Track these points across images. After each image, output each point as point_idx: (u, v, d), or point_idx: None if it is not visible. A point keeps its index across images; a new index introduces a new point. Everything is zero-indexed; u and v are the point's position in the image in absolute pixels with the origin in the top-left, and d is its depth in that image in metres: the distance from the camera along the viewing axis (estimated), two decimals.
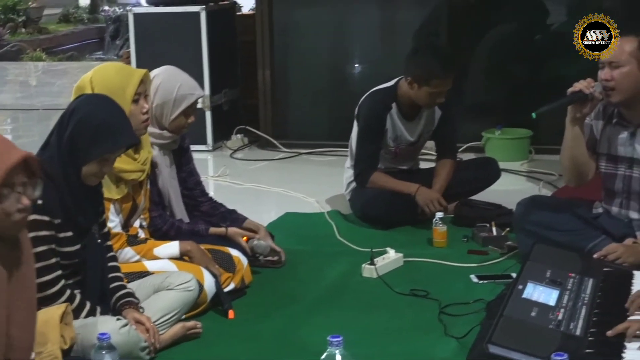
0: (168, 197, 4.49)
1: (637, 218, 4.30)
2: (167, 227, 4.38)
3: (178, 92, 4.37)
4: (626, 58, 4.12)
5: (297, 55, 8.13)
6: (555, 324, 3.36)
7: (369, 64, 8.16)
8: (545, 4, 7.61)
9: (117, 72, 4.04)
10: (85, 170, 3.44)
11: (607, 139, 4.33)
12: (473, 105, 7.73)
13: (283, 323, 3.98)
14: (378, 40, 8.23)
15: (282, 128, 8.03)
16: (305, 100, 8.17)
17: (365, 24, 8.10)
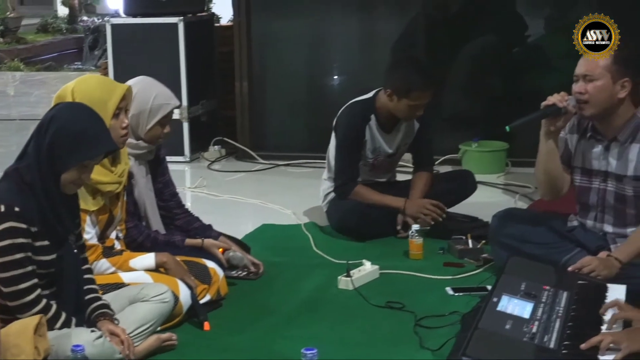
0: (144, 208, 4.48)
1: (611, 231, 4.33)
2: (143, 238, 4.37)
3: (154, 102, 4.37)
4: (600, 72, 4.15)
5: (275, 66, 8.14)
6: (529, 336, 3.37)
7: (347, 76, 8.17)
8: (524, 17, 7.65)
9: (100, 85, 4.03)
10: (65, 178, 3.44)
11: (581, 152, 4.36)
12: (450, 118, 7.75)
13: (258, 335, 3.98)
14: (356, 52, 8.24)
15: (260, 139, 8.03)
16: (283, 112, 8.18)
17: (344, 35, 8.12)
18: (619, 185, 4.25)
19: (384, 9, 8.03)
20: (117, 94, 3.97)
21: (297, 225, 5.69)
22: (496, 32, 7.73)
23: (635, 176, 4.19)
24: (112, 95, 3.96)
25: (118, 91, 3.99)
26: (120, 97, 3.97)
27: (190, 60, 7.62)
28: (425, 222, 5.27)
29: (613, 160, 4.25)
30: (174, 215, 4.67)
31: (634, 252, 4.10)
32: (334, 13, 8.03)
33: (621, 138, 4.21)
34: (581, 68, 4.21)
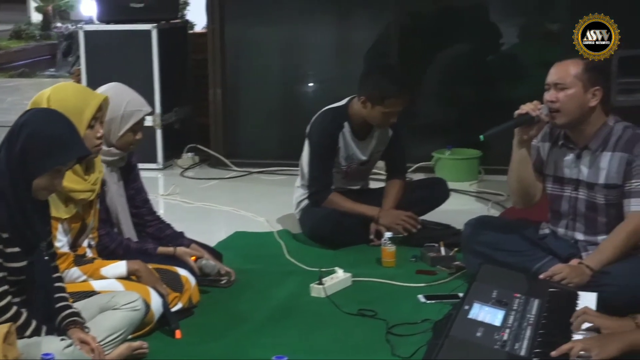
0: (116, 215, 4.46)
1: (582, 239, 4.35)
2: (115, 246, 4.35)
3: (126, 108, 4.35)
4: (571, 80, 4.17)
5: (249, 74, 8.13)
6: (500, 344, 3.37)
7: (321, 84, 8.18)
8: (497, 25, 7.68)
9: (76, 94, 4.00)
10: (37, 184, 3.41)
11: (553, 160, 4.38)
12: (424, 126, 7.76)
13: (230, 343, 3.96)
14: (331, 60, 8.25)
15: (233, 147, 8.02)
16: (257, 119, 8.17)
17: (318, 43, 8.13)
18: (590, 193, 4.27)
19: (359, 17, 8.04)
20: (93, 104, 3.96)
21: (270, 232, 5.69)
22: (470, 40, 7.76)
23: (606, 184, 4.21)
24: (88, 104, 3.94)
25: (94, 101, 3.97)
26: (97, 107, 3.96)
27: (163, 67, 7.61)
28: (399, 232, 5.28)
29: (585, 168, 4.27)
30: (146, 222, 4.66)
31: (605, 260, 4.12)
32: (309, 21, 8.04)
33: (592, 146, 4.24)
34: (552, 76, 4.23)
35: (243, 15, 8.01)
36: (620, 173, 4.19)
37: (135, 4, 7.71)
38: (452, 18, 7.83)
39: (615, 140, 4.21)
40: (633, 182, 4.16)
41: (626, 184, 4.18)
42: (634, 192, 4.17)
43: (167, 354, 3.87)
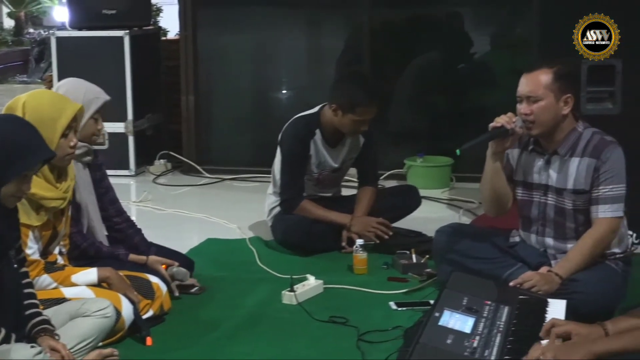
0: (87, 212, 4.44)
1: (552, 245, 4.37)
2: (87, 245, 4.35)
3: (85, 97, 4.35)
4: (543, 92, 4.18)
5: (222, 81, 8.14)
6: (470, 351, 3.38)
7: (293, 91, 8.20)
8: (469, 34, 7.72)
9: (52, 102, 3.99)
10: (4, 191, 3.39)
11: (523, 167, 4.41)
12: (396, 133, 7.79)
13: (201, 350, 3.96)
14: (303, 67, 8.27)
15: (206, 154, 8.03)
16: (229, 126, 8.19)
17: (290, 51, 8.15)
18: (559, 198, 4.30)
19: (331, 24, 8.08)
20: (69, 113, 3.95)
21: (242, 239, 5.69)
22: (441, 49, 7.80)
23: (574, 190, 4.24)
24: (63, 113, 3.93)
25: (69, 110, 3.96)
26: (72, 116, 3.95)
27: (136, 73, 7.60)
28: (370, 239, 5.29)
29: (553, 173, 4.30)
30: (114, 224, 4.64)
31: (574, 267, 4.15)
32: (281, 29, 8.06)
33: (561, 151, 4.26)
34: (524, 88, 4.23)
35: (215, 23, 8.03)
36: (588, 179, 4.21)
37: (108, 11, 7.71)
38: (424, 26, 7.87)
39: (583, 145, 4.24)
40: (600, 189, 4.19)
41: (594, 190, 4.21)
42: (602, 198, 4.20)
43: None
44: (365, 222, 5.34)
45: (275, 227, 5.56)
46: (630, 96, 5.19)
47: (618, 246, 4.30)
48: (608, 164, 4.19)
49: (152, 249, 4.65)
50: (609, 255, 4.28)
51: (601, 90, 5.23)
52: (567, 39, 5.19)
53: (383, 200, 5.59)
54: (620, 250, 4.32)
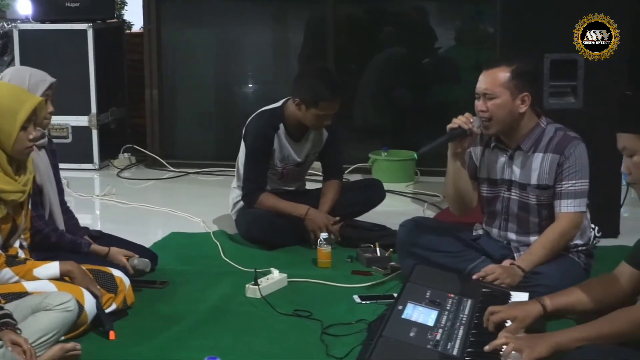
0: (48, 196, 4.41)
1: (515, 239, 4.41)
2: (49, 230, 4.33)
3: (30, 80, 4.35)
4: (499, 89, 4.21)
5: (186, 74, 8.12)
6: (433, 344, 3.40)
7: (258, 85, 8.19)
8: (434, 29, 7.74)
9: (12, 94, 3.95)
10: None
11: (486, 164, 4.43)
12: (360, 127, 7.81)
13: (163, 344, 3.93)
14: (268, 62, 8.27)
15: (170, 147, 8.01)
16: (194, 120, 8.17)
17: (255, 45, 8.14)
18: (522, 193, 4.33)
19: (296, 19, 8.07)
20: (29, 105, 3.91)
21: (206, 233, 5.67)
22: (406, 44, 7.82)
23: (538, 185, 4.27)
24: (22, 106, 3.89)
25: (29, 103, 3.92)
26: (32, 109, 3.91)
27: (99, 67, 7.57)
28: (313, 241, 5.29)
29: (517, 169, 4.32)
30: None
31: (536, 260, 4.18)
32: (246, 23, 8.05)
33: (524, 147, 4.29)
34: (481, 85, 4.26)
35: (180, 16, 8.02)
36: (552, 174, 4.25)
37: (71, 4, 7.68)
38: (388, 21, 7.88)
39: (547, 141, 4.27)
40: (564, 184, 4.23)
41: (557, 186, 4.25)
42: (565, 193, 4.24)
43: (100, 355, 3.83)
44: (318, 221, 5.30)
45: (239, 221, 5.55)
46: (593, 91, 5.22)
47: (580, 239, 4.35)
48: (571, 160, 4.23)
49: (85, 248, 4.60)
50: (571, 248, 4.32)
51: (564, 85, 5.26)
52: (529, 35, 5.22)
53: (347, 194, 5.59)
54: (582, 243, 4.36)
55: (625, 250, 4.98)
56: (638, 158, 3.12)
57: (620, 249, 5.15)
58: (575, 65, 5.21)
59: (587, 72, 5.20)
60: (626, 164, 3.17)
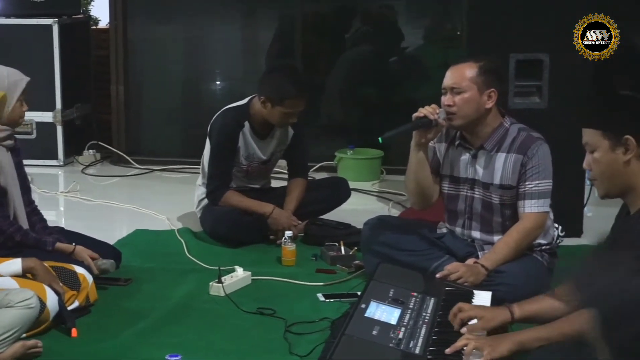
0: (12, 197, 4.38)
1: (479, 238, 4.42)
2: (13, 230, 4.29)
3: (8, 80, 4.32)
4: (467, 84, 4.23)
5: (152, 71, 8.09)
6: (395, 342, 3.40)
7: (224, 82, 8.18)
8: (400, 27, 7.75)
9: None
10: None
11: (449, 161, 4.44)
12: (326, 125, 7.82)
13: (126, 342, 3.92)
14: (234, 58, 8.25)
15: (135, 144, 7.97)
16: (159, 117, 8.14)
17: (223, 42, 8.12)
18: (485, 193, 4.34)
19: (264, 16, 8.06)
20: None
21: (171, 230, 5.65)
22: (373, 42, 7.82)
23: (501, 185, 4.29)
24: None
25: None
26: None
27: (65, 62, 7.52)
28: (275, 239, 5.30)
29: (480, 168, 4.34)
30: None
31: (500, 259, 4.20)
32: (213, 19, 8.03)
33: (488, 147, 4.31)
34: (448, 80, 4.29)
35: (146, 12, 7.98)
36: (515, 174, 4.27)
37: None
38: (356, 19, 7.89)
39: (510, 141, 4.29)
40: (527, 184, 4.25)
41: (520, 186, 4.27)
42: (528, 193, 4.26)
43: (62, 353, 3.81)
44: (281, 221, 5.32)
45: (204, 219, 5.54)
46: (557, 90, 5.25)
47: (544, 238, 4.37)
48: (534, 160, 4.25)
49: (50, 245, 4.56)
50: (535, 247, 4.34)
51: (529, 85, 5.28)
52: (496, 35, 5.24)
53: (313, 192, 5.60)
54: (546, 242, 4.38)
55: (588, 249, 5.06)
56: (598, 154, 3.13)
57: (584, 248, 5.19)
58: (540, 65, 5.24)
59: (552, 72, 5.23)
60: (587, 159, 3.20)
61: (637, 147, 3.08)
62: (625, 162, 3.09)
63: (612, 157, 3.11)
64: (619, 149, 3.09)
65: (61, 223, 5.76)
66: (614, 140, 3.09)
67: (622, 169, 3.11)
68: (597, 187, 3.24)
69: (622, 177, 3.12)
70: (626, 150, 3.08)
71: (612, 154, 3.10)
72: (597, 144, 3.13)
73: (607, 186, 3.19)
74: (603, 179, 3.18)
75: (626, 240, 3.06)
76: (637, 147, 3.08)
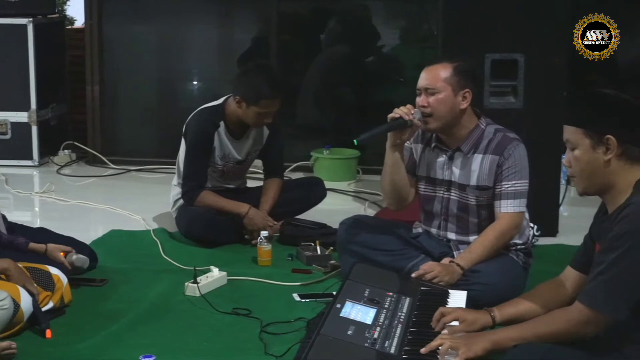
0: None
1: (454, 239, 4.43)
2: None
3: None
4: (441, 85, 4.24)
5: (128, 71, 8.06)
6: (370, 342, 3.40)
7: (200, 82, 8.16)
8: (377, 28, 7.75)
9: None
10: None
11: (426, 162, 4.45)
12: (303, 125, 7.81)
13: (101, 343, 3.89)
14: (210, 58, 8.23)
15: (111, 144, 7.95)
16: (135, 117, 8.12)
17: (198, 42, 8.10)
18: (462, 194, 4.35)
19: (240, 16, 8.05)
20: None
21: (147, 231, 5.63)
22: (350, 42, 7.82)
23: (477, 186, 4.30)
24: None
25: None
26: None
27: (39, 62, 7.49)
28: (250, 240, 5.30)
29: (456, 170, 4.34)
30: None
31: (475, 259, 4.21)
32: (189, 19, 8.01)
33: (464, 148, 4.31)
34: (423, 81, 4.29)
35: (122, 12, 7.95)
36: (491, 175, 4.28)
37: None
38: (332, 20, 7.89)
39: (486, 142, 4.30)
40: (503, 185, 4.26)
41: (497, 186, 4.28)
42: (504, 193, 4.27)
43: (37, 354, 3.78)
44: (257, 221, 5.31)
45: (180, 219, 5.52)
46: (533, 91, 5.27)
47: (519, 237, 4.38)
48: (510, 161, 4.26)
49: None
50: (510, 247, 4.35)
51: (504, 84, 5.30)
52: (471, 35, 5.25)
53: (289, 192, 5.59)
54: (521, 242, 4.39)
55: (564, 248, 5.09)
56: (578, 152, 3.15)
57: (559, 248, 5.22)
58: (515, 65, 5.26)
59: (527, 72, 5.25)
60: (568, 157, 3.21)
61: (618, 146, 3.09)
62: (606, 161, 3.10)
63: (592, 156, 3.13)
64: (600, 148, 3.11)
65: (36, 223, 5.75)
66: (595, 139, 3.11)
67: (602, 168, 3.12)
68: (576, 184, 3.25)
69: (602, 175, 3.14)
70: (607, 149, 3.09)
71: (593, 152, 3.12)
72: (578, 142, 3.15)
73: (586, 184, 3.21)
74: (582, 176, 3.19)
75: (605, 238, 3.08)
76: (618, 146, 3.09)
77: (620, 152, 3.10)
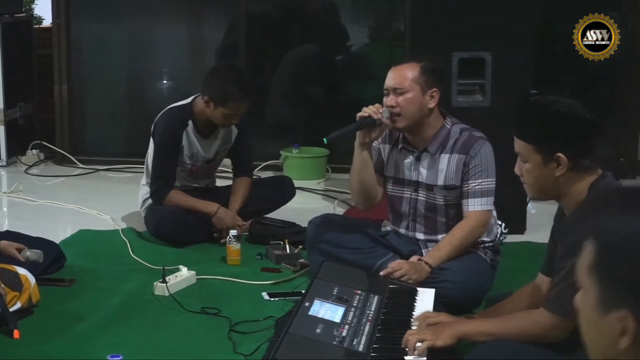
0: None
1: (423, 238, 4.44)
2: None
3: None
4: (409, 84, 4.24)
5: (96, 70, 8.03)
6: (339, 340, 3.40)
7: (169, 81, 8.14)
8: (346, 27, 7.76)
9: None
10: None
11: (393, 162, 4.45)
12: (272, 124, 7.81)
13: (69, 342, 3.89)
14: (180, 58, 8.21)
15: (80, 144, 7.92)
16: (104, 116, 8.09)
17: (168, 41, 8.08)
18: (429, 194, 4.36)
19: (209, 15, 8.04)
20: None
21: (115, 230, 5.62)
22: (319, 41, 7.82)
23: (445, 185, 4.31)
24: None
25: None
26: None
27: (6, 61, 7.46)
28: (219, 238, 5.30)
29: (424, 170, 4.35)
30: None
31: (444, 257, 4.22)
32: (158, 18, 7.99)
33: (431, 149, 4.32)
34: (391, 81, 4.29)
35: (90, 11, 7.92)
36: (458, 174, 4.29)
37: None
38: (301, 19, 7.90)
39: (452, 142, 4.31)
40: (470, 183, 4.27)
41: (464, 185, 4.29)
42: (472, 192, 4.28)
43: (5, 354, 3.77)
44: (226, 221, 5.31)
45: (148, 218, 5.51)
46: (500, 89, 5.29)
47: (487, 235, 4.39)
48: (477, 159, 4.27)
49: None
50: (478, 244, 4.36)
51: (471, 83, 5.32)
52: (438, 33, 5.27)
53: (258, 190, 5.60)
54: (489, 240, 4.40)
55: (532, 246, 5.13)
56: (529, 166, 3.14)
57: (527, 245, 5.25)
58: (483, 63, 5.28)
59: (494, 70, 5.28)
60: (519, 166, 3.20)
61: (569, 162, 3.07)
62: (557, 176, 3.09)
63: (543, 171, 3.11)
64: (550, 164, 3.09)
65: (4, 224, 5.73)
66: (546, 156, 3.09)
67: (554, 181, 3.11)
68: (527, 192, 3.26)
69: (554, 187, 3.13)
70: (558, 165, 3.08)
71: (544, 168, 3.10)
72: (528, 156, 3.13)
73: (537, 194, 3.21)
74: (534, 187, 3.19)
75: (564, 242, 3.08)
76: (569, 162, 3.07)
77: (572, 165, 3.08)
